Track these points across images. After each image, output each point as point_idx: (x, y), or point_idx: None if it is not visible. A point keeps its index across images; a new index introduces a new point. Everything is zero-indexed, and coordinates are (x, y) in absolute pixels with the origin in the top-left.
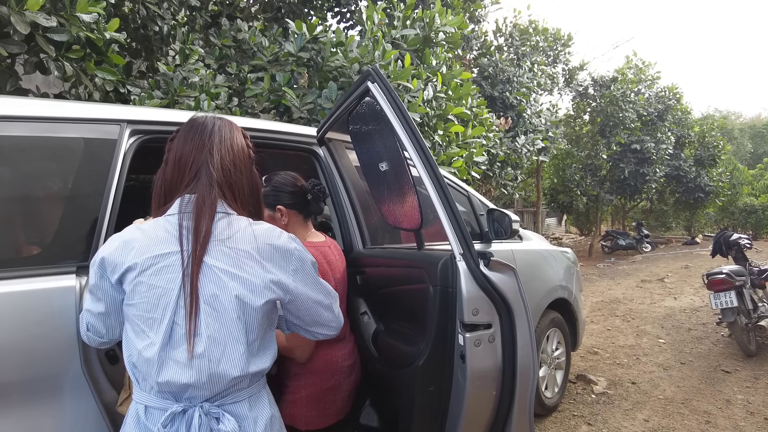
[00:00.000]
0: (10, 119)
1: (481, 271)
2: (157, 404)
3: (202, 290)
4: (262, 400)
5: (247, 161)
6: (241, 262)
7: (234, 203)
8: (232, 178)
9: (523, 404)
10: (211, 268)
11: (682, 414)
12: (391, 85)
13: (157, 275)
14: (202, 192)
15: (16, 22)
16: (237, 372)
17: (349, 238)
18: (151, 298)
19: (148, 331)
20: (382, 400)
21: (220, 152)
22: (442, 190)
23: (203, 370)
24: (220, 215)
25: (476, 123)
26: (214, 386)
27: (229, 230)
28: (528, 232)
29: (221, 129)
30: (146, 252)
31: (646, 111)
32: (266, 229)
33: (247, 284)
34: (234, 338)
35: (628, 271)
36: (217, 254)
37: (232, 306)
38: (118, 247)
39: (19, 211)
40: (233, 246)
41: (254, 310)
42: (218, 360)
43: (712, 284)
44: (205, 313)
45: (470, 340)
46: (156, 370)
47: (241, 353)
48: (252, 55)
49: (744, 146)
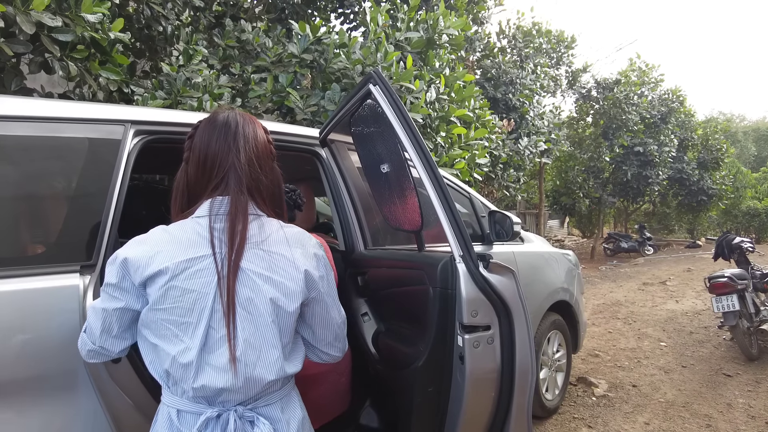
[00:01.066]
0: (14, 119)
1: (481, 273)
2: (191, 408)
3: (238, 294)
4: (293, 402)
5: (270, 159)
6: (275, 266)
7: (263, 205)
8: (260, 179)
9: (521, 406)
10: (246, 271)
11: (683, 417)
12: (392, 88)
13: (191, 279)
14: (234, 195)
15: (21, 21)
16: (272, 376)
17: (350, 239)
18: (186, 303)
19: (182, 335)
20: (382, 400)
21: (247, 153)
22: (443, 192)
23: (240, 374)
24: (252, 217)
25: (479, 125)
26: (249, 390)
27: (262, 233)
28: (529, 234)
29: (245, 128)
30: (177, 255)
31: (650, 113)
32: (297, 232)
33: (281, 288)
34: (269, 342)
35: (630, 273)
36: (252, 257)
37: (267, 310)
38: (144, 250)
39: (23, 211)
40: (267, 249)
41: (288, 314)
42: (254, 364)
43: (714, 287)
44: (241, 317)
45: (469, 342)
46: (193, 375)
47: (276, 357)
48: (255, 56)
49: (748, 149)
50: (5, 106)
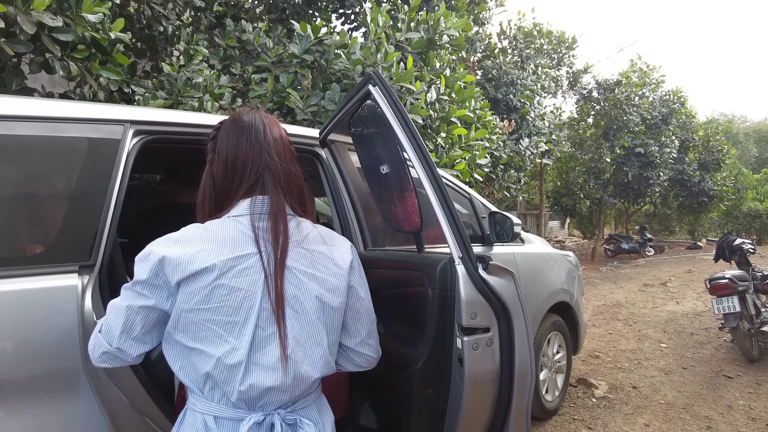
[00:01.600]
0: (14, 119)
1: (480, 274)
2: (230, 414)
3: (285, 292)
4: (325, 404)
5: (294, 159)
6: (317, 263)
7: (295, 205)
8: (291, 179)
9: (520, 408)
10: (291, 270)
11: (683, 419)
12: (392, 89)
13: (238, 277)
14: (273, 195)
15: (22, 21)
16: (317, 374)
17: (350, 239)
18: (233, 302)
19: (227, 336)
20: (381, 401)
21: (279, 153)
22: (442, 193)
23: (290, 372)
24: (290, 217)
25: (479, 125)
26: (296, 389)
27: (301, 232)
28: (530, 235)
29: (271, 128)
30: (223, 253)
31: (651, 114)
32: (328, 231)
33: (324, 284)
34: (314, 340)
35: (630, 274)
36: (296, 256)
37: (312, 307)
38: (184, 248)
39: (22, 210)
40: (308, 247)
41: (333, 310)
42: (301, 361)
43: (715, 289)
44: (288, 315)
45: (468, 344)
46: (241, 376)
47: (320, 355)
48: (256, 56)
49: (749, 150)
50: (4, 106)
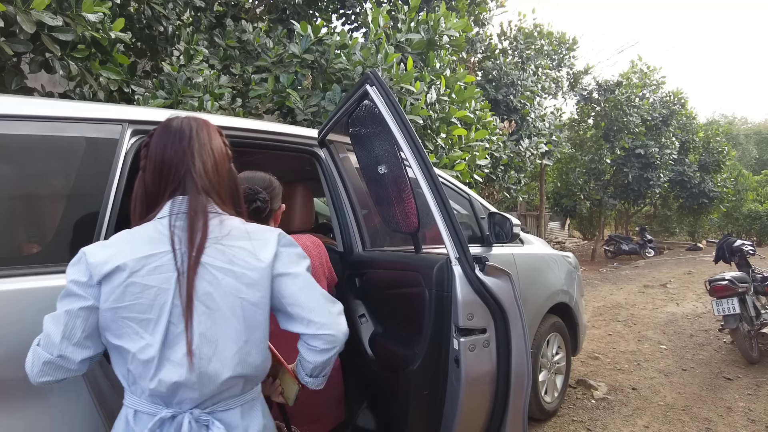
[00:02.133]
0: (11, 118)
1: (477, 275)
2: (147, 409)
3: (197, 288)
4: (255, 410)
5: (227, 161)
6: (235, 258)
7: (224, 205)
8: (217, 182)
9: (517, 410)
10: (205, 266)
11: (683, 421)
12: (389, 89)
13: (151, 275)
14: (192, 195)
15: (22, 21)
16: (229, 372)
17: (348, 240)
18: (146, 299)
19: (142, 332)
20: (379, 402)
21: (202, 158)
22: (439, 194)
23: (195, 368)
24: (213, 215)
25: (479, 126)
26: (205, 387)
27: (222, 229)
28: (529, 235)
29: (199, 133)
30: (137, 253)
31: (651, 116)
32: (259, 227)
33: (242, 278)
34: (227, 337)
35: (630, 276)
36: (212, 252)
37: (226, 304)
38: (106, 250)
39: (19, 210)
40: (227, 243)
41: (252, 305)
42: (209, 358)
43: (715, 290)
44: (199, 312)
45: (465, 345)
46: (153, 371)
47: (233, 352)
48: (256, 56)
49: (749, 152)
50: (2, 105)
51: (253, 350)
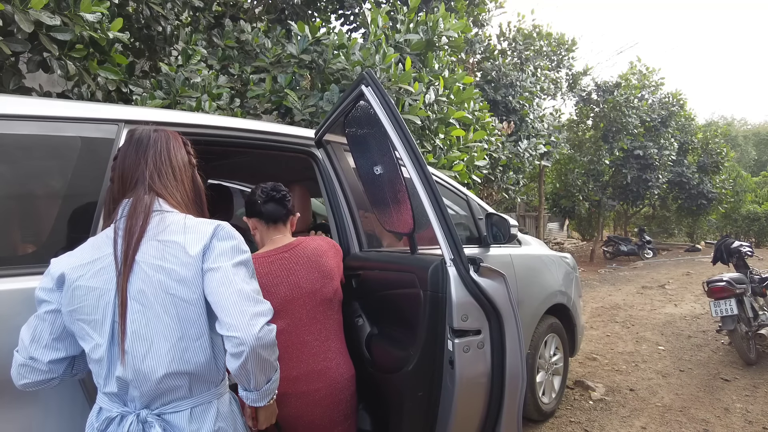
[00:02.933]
0: (7, 117)
1: (471, 276)
2: (107, 406)
3: (131, 287)
4: (207, 413)
5: (188, 168)
6: (167, 254)
7: (181, 209)
8: (174, 187)
9: (511, 411)
10: (139, 264)
11: (680, 422)
12: (384, 89)
13: (95, 277)
14: (137, 194)
15: (20, 20)
16: (163, 369)
17: (346, 240)
18: (91, 300)
19: (92, 332)
20: (375, 403)
21: (155, 162)
22: (434, 194)
23: (128, 366)
24: (156, 213)
25: (478, 127)
26: (142, 384)
27: (161, 225)
28: (527, 236)
29: (156, 142)
30: (84, 258)
31: (650, 117)
32: (200, 221)
33: (173, 275)
34: (161, 334)
35: (629, 277)
36: (147, 249)
37: (158, 300)
38: (68, 256)
39: (14, 209)
40: (163, 239)
41: (185, 302)
42: (143, 356)
43: (713, 292)
44: (133, 310)
45: (459, 346)
46: (105, 370)
47: (167, 350)
48: (255, 57)
49: (748, 153)
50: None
51: (191, 347)
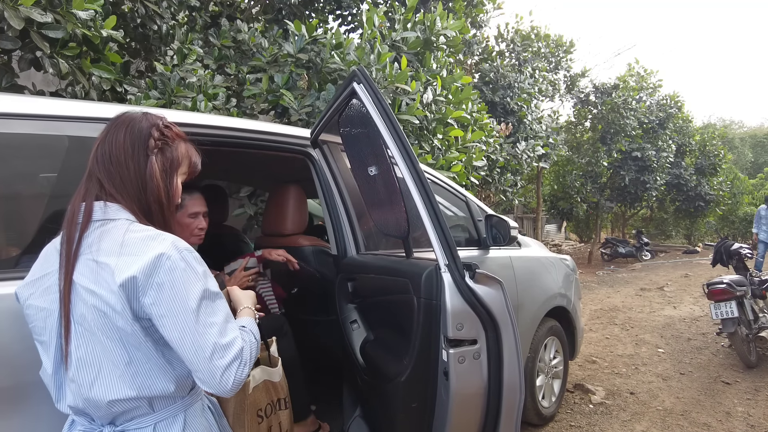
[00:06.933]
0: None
1: (467, 283)
2: (78, 419)
3: (74, 309)
4: (172, 428)
5: (139, 152)
6: (99, 278)
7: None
8: (120, 180)
9: (509, 424)
10: (76, 285)
11: (681, 426)
12: (376, 86)
13: (43, 296)
14: (74, 201)
15: (9, 17)
16: (113, 395)
17: (342, 243)
18: (39, 321)
19: (43, 354)
20: (370, 412)
21: (107, 156)
22: (427, 195)
23: (77, 396)
24: (98, 224)
25: (476, 127)
26: (94, 411)
27: (101, 241)
28: (527, 238)
29: (105, 133)
30: (34, 274)
31: (648, 119)
32: (142, 237)
33: (103, 301)
34: (108, 360)
35: (627, 279)
36: (83, 270)
37: (98, 325)
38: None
39: (8, 210)
40: (98, 259)
41: (120, 329)
42: (90, 384)
43: (713, 294)
44: (77, 335)
45: (454, 357)
46: (55, 392)
47: (118, 376)
48: (251, 56)
49: (745, 155)
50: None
51: (141, 370)
